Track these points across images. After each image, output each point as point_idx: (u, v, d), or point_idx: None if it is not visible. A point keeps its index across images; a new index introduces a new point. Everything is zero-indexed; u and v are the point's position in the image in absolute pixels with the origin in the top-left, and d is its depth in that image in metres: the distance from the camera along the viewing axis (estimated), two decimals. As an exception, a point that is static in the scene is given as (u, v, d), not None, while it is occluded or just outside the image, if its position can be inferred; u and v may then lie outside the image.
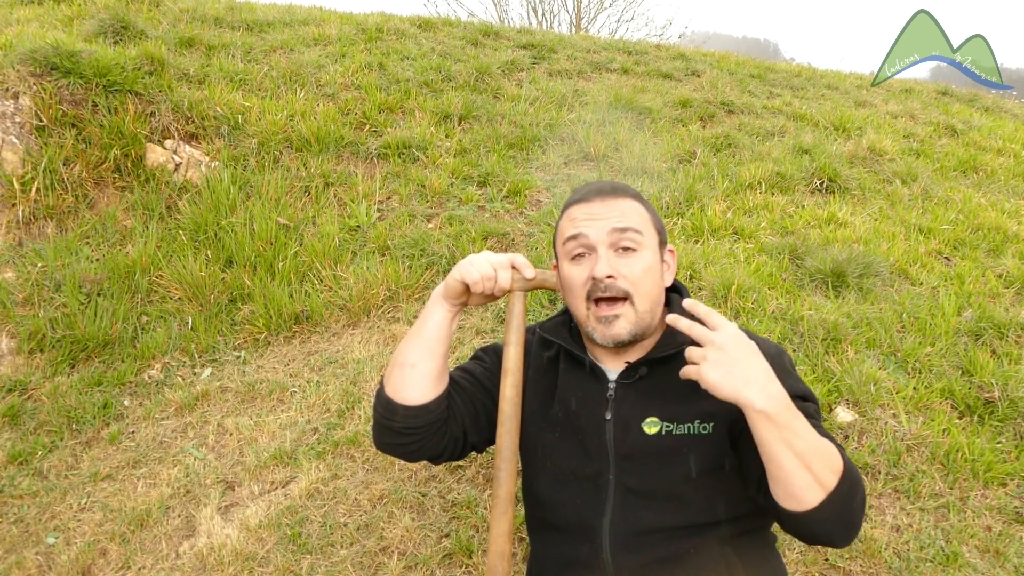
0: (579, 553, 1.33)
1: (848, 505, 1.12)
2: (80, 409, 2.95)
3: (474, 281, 1.36)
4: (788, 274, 3.42)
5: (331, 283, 3.51)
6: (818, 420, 1.31)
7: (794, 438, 1.08)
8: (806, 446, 1.08)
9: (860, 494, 1.15)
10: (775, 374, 1.29)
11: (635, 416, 1.32)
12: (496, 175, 4.29)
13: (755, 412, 1.07)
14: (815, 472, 1.08)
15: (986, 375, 2.74)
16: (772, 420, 1.07)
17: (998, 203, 4.54)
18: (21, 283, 3.33)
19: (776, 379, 1.11)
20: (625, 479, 1.31)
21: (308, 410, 2.84)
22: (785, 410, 1.08)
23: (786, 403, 1.09)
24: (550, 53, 6.56)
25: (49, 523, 2.49)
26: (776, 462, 1.08)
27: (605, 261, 1.30)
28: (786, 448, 1.07)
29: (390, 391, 1.39)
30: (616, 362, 1.38)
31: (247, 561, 2.19)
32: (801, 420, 1.10)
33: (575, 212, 1.37)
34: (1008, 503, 2.30)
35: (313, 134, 4.38)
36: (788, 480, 1.09)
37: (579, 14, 18.30)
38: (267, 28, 5.89)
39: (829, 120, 5.75)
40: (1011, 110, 7.71)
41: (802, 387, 1.33)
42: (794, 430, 1.08)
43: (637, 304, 1.31)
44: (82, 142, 3.85)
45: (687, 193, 4.12)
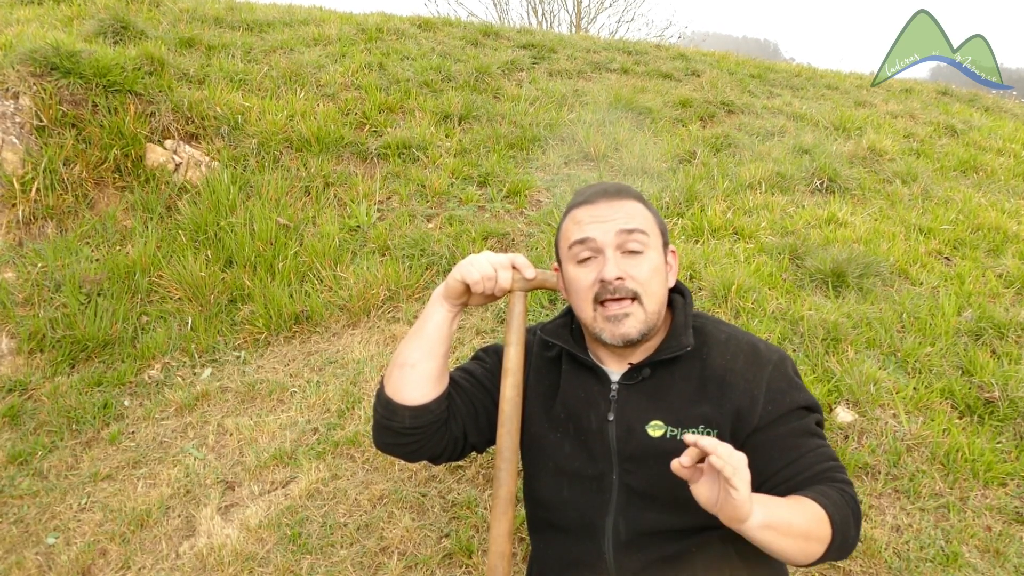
0: (581, 553, 1.33)
1: (844, 544, 1.20)
2: (80, 409, 2.95)
3: (474, 281, 1.36)
4: (788, 274, 3.42)
5: (331, 283, 3.51)
6: (820, 433, 1.32)
7: (789, 528, 1.14)
8: (800, 527, 1.15)
9: (853, 528, 1.21)
10: (779, 382, 1.30)
11: (639, 418, 1.32)
12: (496, 175, 4.29)
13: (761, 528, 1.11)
14: (812, 542, 1.16)
15: (986, 375, 2.74)
16: (771, 527, 1.11)
17: (998, 203, 4.54)
18: (21, 283, 3.33)
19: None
20: (628, 480, 1.31)
21: (308, 410, 2.84)
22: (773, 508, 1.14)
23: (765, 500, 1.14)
24: (550, 53, 6.56)
25: (49, 523, 2.49)
26: (780, 553, 1.15)
27: (613, 263, 1.29)
28: (785, 539, 1.13)
29: (390, 391, 1.39)
30: (618, 363, 1.38)
31: (247, 561, 2.19)
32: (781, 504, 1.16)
33: (580, 215, 1.36)
34: (1008, 503, 2.30)
35: (313, 134, 4.38)
36: (791, 558, 1.17)
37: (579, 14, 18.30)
38: (267, 28, 5.89)
39: (829, 120, 5.75)
40: (1011, 110, 7.71)
41: (807, 397, 1.33)
42: (788, 521, 1.14)
43: (646, 304, 1.31)
44: (82, 142, 3.85)
45: (687, 193, 4.12)
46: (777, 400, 1.30)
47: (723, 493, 1.07)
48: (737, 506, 1.05)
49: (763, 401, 1.29)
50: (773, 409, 1.29)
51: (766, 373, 1.31)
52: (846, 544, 1.20)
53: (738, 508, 1.06)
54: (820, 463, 1.26)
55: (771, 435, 1.28)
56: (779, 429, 1.28)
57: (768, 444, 1.27)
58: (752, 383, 1.30)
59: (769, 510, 1.11)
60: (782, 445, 1.27)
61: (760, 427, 1.28)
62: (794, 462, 1.26)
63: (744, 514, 1.07)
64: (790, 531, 1.13)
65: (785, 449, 1.27)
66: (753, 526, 1.09)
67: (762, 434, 1.28)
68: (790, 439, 1.28)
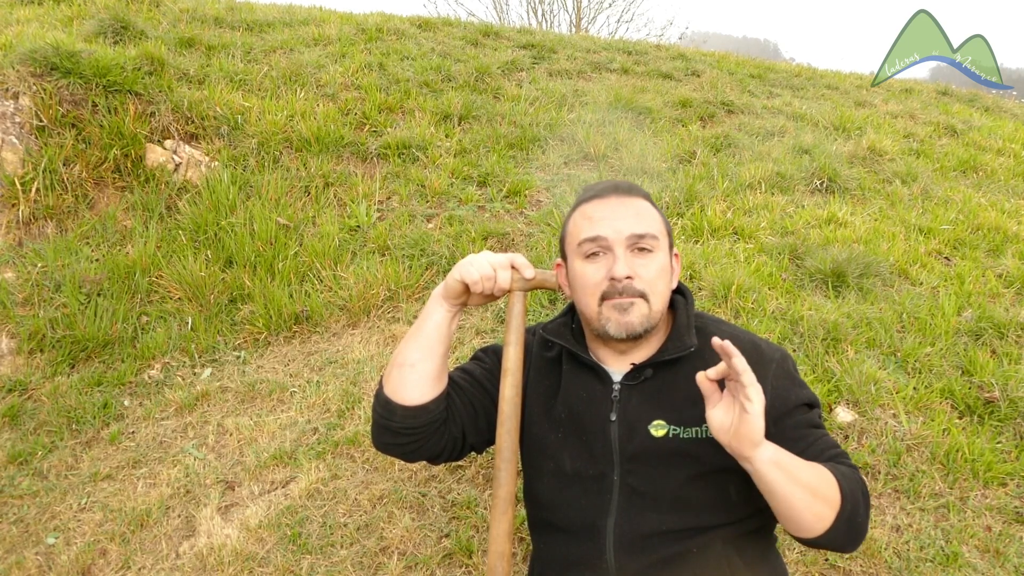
0: (582, 554, 1.33)
1: (854, 521, 1.18)
2: (80, 409, 2.95)
3: (474, 281, 1.36)
4: (788, 274, 3.42)
5: (331, 283, 3.51)
6: (823, 427, 1.34)
7: (798, 475, 1.14)
8: (808, 480, 1.15)
9: (863, 505, 1.20)
10: (782, 379, 1.32)
11: (641, 418, 1.32)
12: (496, 175, 4.29)
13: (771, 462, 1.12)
14: (820, 501, 1.15)
15: (986, 375, 2.74)
16: (780, 466, 1.12)
17: (998, 203, 4.54)
18: (21, 283, 3.33)
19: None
20: (630, 480, 1.31)
21: (308, 410, 2.84)
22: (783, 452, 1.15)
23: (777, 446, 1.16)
24: (550, 53, 6.56)
25: (49, 523, 2.49)
26: (787, 502, 1.14)
27: (624, 262, 1.30)
28: (794, 486, 1.13)
29: (389, 391, 1.38)
30: (620, 363, 1.38)
31: (247, 561, 2.19)
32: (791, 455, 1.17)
33: (590, 210, 1.36)
34: (1008, 503, 2.30)
35: (313, 134, 4.38)
36: (800, 516, 1.15)
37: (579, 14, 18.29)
38: (267, 28, 5.89)
39: (829, 120, 5.75)
40: (1011, 110, 7.71)
41: (809, 394, 1.34)
42: (797, 467, 1.15)
43: (652, 303, 1.31)
44: (82, 142, 3.85)
45: (687, 193, 4.12)
46: (781, 397, 1.31)
47: (738, 411, 1.09)
48: (750, 423, 1.08)
49: (768, 399, 1.29)
50: (779, 406, 1.30)
51: (769, 372, 1.32)
52: (856, 520, 1.18)
53: (752, 427, 1.08)
54: (828, 450, 1.28)
55: (777, 430, 1.28)
56: (785, 424, 1.29)
57: (775, 439, 1.27)
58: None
59: (779, 450, 1.14)
60: (789, 437, 1.28)
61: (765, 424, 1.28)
62: (803, 452, 1.27)
63: (757, 434, 1.09)
64: (798, 479, 1.13)
65: (793, 440, 1.27)
66: (763, 458, 1.11)
67: (768, 431, 1.28)
68: (796, 431, 1.29)
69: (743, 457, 1.13)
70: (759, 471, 1.12)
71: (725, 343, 1.09)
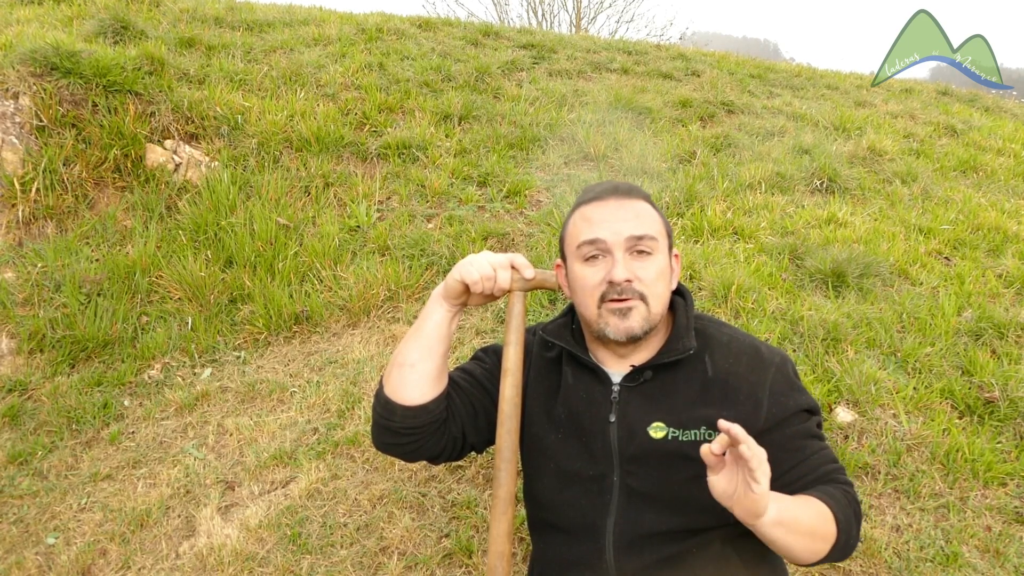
0: (581, 554, 1.33)
1: (847, 545, 1.23)
2: (80, 409, 2.95)
3: (474, 281, 1.36)
4: (788, 274, 3.42)
5: (331, 283, 3.51)
6: (821, 434, 1.35)
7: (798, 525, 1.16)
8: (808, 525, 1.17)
9: (855, 527, 1.24)
10: (781, 385, 1.32)
11: (640, 420, 1.32)
12: (496, 175, 4.29)
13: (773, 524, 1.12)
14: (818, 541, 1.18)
15: (986, 375, 2.74)
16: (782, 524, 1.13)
17: (998, 203, 4.54)
18: (21, 283, 3.33)
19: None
20: (630, 481, 1.31)
21: (308, 410, 2.84)
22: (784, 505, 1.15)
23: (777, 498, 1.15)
24: (550, 53, 6.56)
25: (49, 523, 2.49)
26: (786, 550, 1.17)
27: (623, 265, 1.30)
28: (794, 536, 1.15)
29: (389, 391, 1.38)
30: (620, 365, 1.38)
31: (247, 561, 2.19)
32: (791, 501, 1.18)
33: (589, 212, 1.36)
34: (1008, 503, 2.30)
35: (313, 134, 4.38)
36: (797, 555, 1.19)
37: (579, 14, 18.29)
38: (267, 28, 5.89)
39: (829, 120, 5.75)
40: (1011, 110, 7.71)
41: (808, 399, 1.34)
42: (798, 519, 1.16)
43: (651, 305, 1.31)
44: (82, 142, 3.85)
45: (687, 193, 4.12)
46: (780, 403, 1.31)
47: (743, 487, 1.08)
48: (756, 500, 1.07)
49: (767, 404, 1.30)
50: (777, 412, 1.30)
51: (768, 376, 1.32)
52: (848, 544, 1.23)
53: (757, 503, 1.07)
54: (824, 465, 1.29)
55: (776, 437, 1.28)
56: (784, 431, 1.30)
57: (773, 447, 1.27)
58: (755, 386, 1.31)
59: (781, 507, 1.13)
60: (787, 447, 1.29)
61: (765, 430, 1.28)
62: (799, 464, 1.28)
63: (762, 509, 1.08)
64: (799, 528, 1.15)
65: (790, 451, 1.29)
66: (767, 522, 1.10)
67: (767, 437, 1.28)
68: (794, 441, 1.30)
69: (747, 524, 1.13)
70: (762, 533, 1.14)
71: (733, 427, 1.05)
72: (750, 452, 1.05)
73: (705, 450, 1.11)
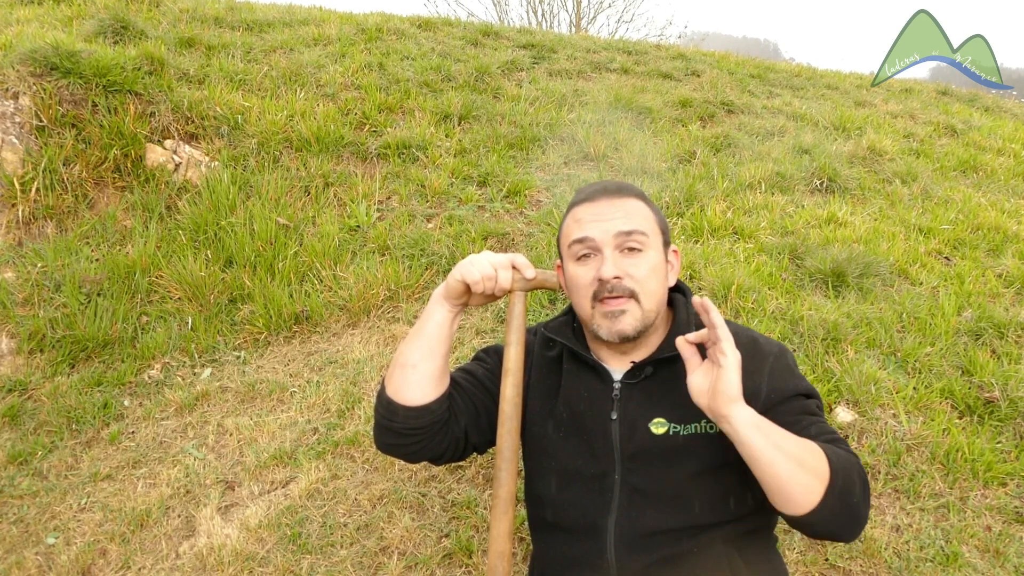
0: (583, 553, 1.33)
1: (847, 499, 1.15)
2: (80, 409, 2.95)
3: (475, 281, 1.36)
4: (788, 274, 3.42)
5: (331, 283, 3.51)
6: (821, 416, 1.33)
7: (781, 442, 1.13)
8: (793, 450, 1.14)
9: (859, 485, 1.17)
10: (780, 371, 1.33)
11: (642, 416, 1.32)
12: (496, 175, 4.29)
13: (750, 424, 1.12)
14: (807, 473, 1.13)
15: (986, 375, 2.74)
16: (761, 429, 1.12)
17: (998, 203, 4.54)
18: (21, 283, 3.33)
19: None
20: (631, 479, 1.31)
21: (308, 410, 2.84)
22: (765, 419, 1.16)
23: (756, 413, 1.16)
24: (550, 53, 6.56)
25: (49, 523, 2.48)
26: (771, 469, 1.12)
27: (611, 263, 1.30)
28: (778, 453, 1.12)
29: (391, 392, 1.39)
30: (620, 362, 1.38)
31: (247, 561, 2.19)
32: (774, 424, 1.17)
33: (580, 213, 1.37)
34: (1008, 503, 2.30)
35: (313, 134, 4.38)
36: (786, 486, 1.12)
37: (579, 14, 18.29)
38: (267, 28, 5.89)
39: (829, 120, 5.75)
40: (1011, 110, 7.71)
41: (806, 385, 1.35)
42: (780, 435, 1.14)
43: (643, 302, 1.31)
44: (82, 142, 3.85)
45: (687, 193, 4.12)
46: (778, 389, 1.31)
47: (715, 369, 1.12)
48: (725, 376, 1.10)
49: (765, 391, 1.30)
50: (775, 396, 1.30)
51: (767, 365, 1.33)
52: (849, 500, 1.14)
53: (727, 381, 1.10)
54: (824, 435, 1.26)
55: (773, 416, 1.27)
56: (781, 409, 1.29)
57: None
58: (754, 374, 1.31)
59: (760, 416, 1.15)
60: (785, 422, 1.26)
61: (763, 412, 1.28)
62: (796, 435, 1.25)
63: (733, 389, 1.10)
64: (781, 446, 1.12)
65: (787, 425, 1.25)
66: (741, 418, 1.11)
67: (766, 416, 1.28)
68: (792, 417, 1.29)
69: (721, 416, 1.13)
70: (738, 432, 1.12)
71: (704, 300, 1.12)
72: (718, 319, 1.11)
73: (680, 340, 1.17)
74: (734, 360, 1.11)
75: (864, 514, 1.18)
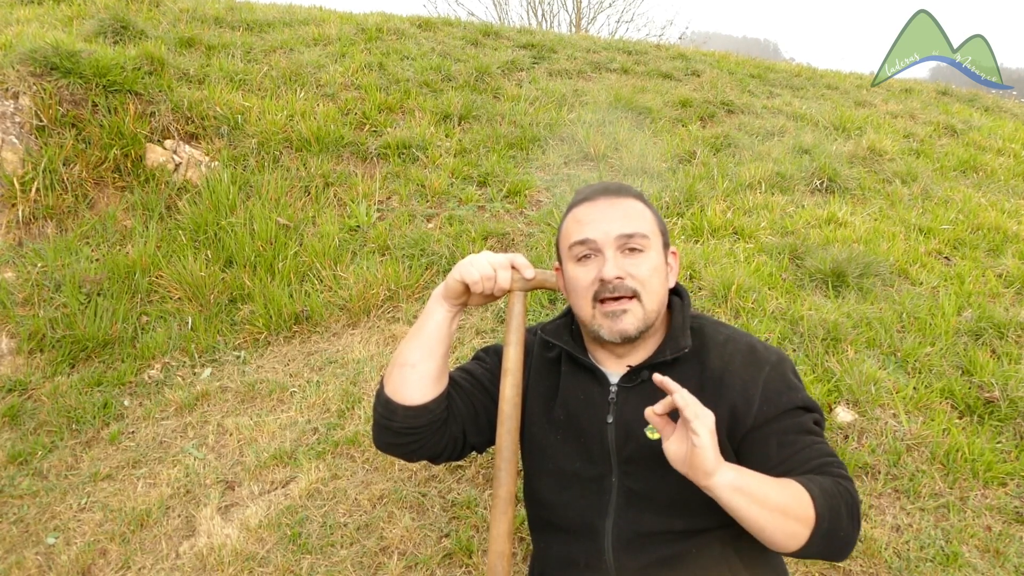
0: (581, 554, 1.33)
1: (834, 536, 1.17)
2: (80, 409, 2.95)
3: (474, 281, 1.36)
4: (788, 274, 3.42)
5: (331, 283, 3.51)
6: (818, 432, 1.31)
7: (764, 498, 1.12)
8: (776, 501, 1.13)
9: (847, 519, 1.18)
10: (776, 383, 1.31)
11: (637, 420, 1.32)
12: (496, 175, 4.29)
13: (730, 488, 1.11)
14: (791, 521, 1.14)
15: (986, 375, 2.74)
16: (742, 491, 1.11)
17: (998, 203, 4.54)
18: (21, 283, 3.33)
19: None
20: (628, 482, 1.31)
21: (308, 410, 2.84)
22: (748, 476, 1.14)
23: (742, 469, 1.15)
24: (550, 53, 6.56)
25: (49, 523, 2.49)
26: (757, 527, 1.13)
27: (613, 263, 1.29)
28: (760, 509, 1.12)
29: (389, 391, 1.39)
30: (617, 365, 1.38)
31: (247, 561, 2.19)
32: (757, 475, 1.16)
33: (580, 213, 1.36)
34: (1008, 503, 2.30)
35: (313, 134, 4.38)
36: (770, 535, 1.14)
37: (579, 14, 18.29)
38: (267, 28, 5.89)
39: (829, 120, 5.75)
40: (1011, 110, 7.71)
41: (804, 397, 1.32)
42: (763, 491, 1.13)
43: (645, 302, 1.31)
44: (82, 142, 3.85)
45: (687, 193, 4.12)
46: (773, 400, 1.29)
47: (688, 444, 1.09)
48: (699, 455, 1.07)
49: (759, 401, 1.28)
50: (769, 409, 1.28)
51: (763, 374, 1.31)
52: (837, 534, 1.16)
53: (702, 457, 1.08)
54: (817, 458, 1.25)
55: (766, 432, 1.27)
56: (775, 427, 1.28)
57: (763, 441, 1.27)
58: (748, 383, 1.30)
59: (741, 475, 1.13)
60: (778, 442, 1.26)
61: (755, 426, 1.28)
62: (790, 458, 1.25)
63: (709, 464, 1.08)
64: (765, 502, 1.12)
65: (781, 446, 1.26)
66: (722, 484, 1.10)
67: (758, 432, 1.27)
68: (786, 436, 1.27)
69: (701, 485, 1.12)
70: (719, 497, 1.12)
71: (664, 379, 1.10)
72: (683, 401, 1.08)
73: (648, 411, 1.14)
74: (707, 438, 1.08)
75: (853, 540, 1.21)
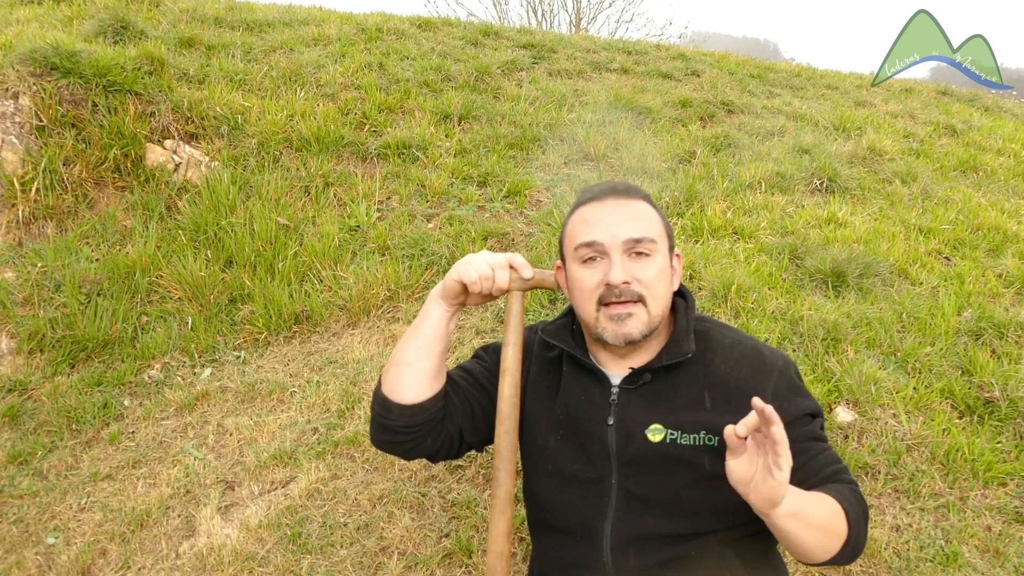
0: (580, 555, 1.33)
1: (858, 543, 1.20)
2: (80, 409, 2.95)
3: (472, 281, 1.35)
4: (788, 274, 3.42)
5: (331, 283, 3.51)
6: (825, 438, 1.33)
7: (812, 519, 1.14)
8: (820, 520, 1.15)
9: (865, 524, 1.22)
10: (784, 389, 1.31)
11: (638, 423, 1.31)
12: (496, 175, 4.29)
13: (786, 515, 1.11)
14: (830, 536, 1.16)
15: (986, 375, 2.74)
16: (796, 516, 1.12)
17: (998, 203, 4.54)
18: (21, 283, 3.33)
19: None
20: (628, 484, 1.31)
21: (308, 410, 2.84)
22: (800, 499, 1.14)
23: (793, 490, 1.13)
24: (550, 53, 6.56)
25: (49, 523, 2.49)
26: (798, 544, 1.15)
27: (620, 267, 1.28)
28: (807, 530, 1.13)
29: (386, 389, 1.39)
30: (619, 367, 1.37)
31: (247, 561, 2.19)
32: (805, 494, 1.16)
33: (587, 213, 1.34)
34: (1008, 503, 2.30)
35: (313, 134, 4.38)
36: (808, 552, 1.16)
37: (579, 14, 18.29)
38: (267, 28, 5.89)
39: (829, 120, 5.75)
40: (1011, 110, 7.71)
41: (811, 403, 1.33)
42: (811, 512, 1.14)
43: (650, 306, 1.30)
44: (82, 142, 3.85)
45: (687, 193, 4.12)
46: (783, 407, 1.28)
47: (763, 473, 1.07)
48: (775, 488, 1.06)
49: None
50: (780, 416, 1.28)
51: (772, 380, 1.31)
52: (858, 543, 1.20)
53: (776, 491, 1.07)
54: (829, 466, 1.27)
55: None
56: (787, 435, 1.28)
57: None
58: (757, 391, 1.29)
59: (795, 499, 1.12)
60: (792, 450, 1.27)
61: None
62: (804, 466, 1.26)
63: (779, 498, 1.08)
64: (812, 522, 1.14)
65: (795, 454, 1.26)
66: (781, 513, 1.10)
67: None
68: (798, 444, 1.27)
69: (762, 513, 1.12)
70: (775, 525, 1.12)
71: (767, 408, 1.04)
72: (781, 435, 1.04)
73: (729, 431, 1.10)
74: (788, 472, 1.06)
75: (864, 545, 1.24)
